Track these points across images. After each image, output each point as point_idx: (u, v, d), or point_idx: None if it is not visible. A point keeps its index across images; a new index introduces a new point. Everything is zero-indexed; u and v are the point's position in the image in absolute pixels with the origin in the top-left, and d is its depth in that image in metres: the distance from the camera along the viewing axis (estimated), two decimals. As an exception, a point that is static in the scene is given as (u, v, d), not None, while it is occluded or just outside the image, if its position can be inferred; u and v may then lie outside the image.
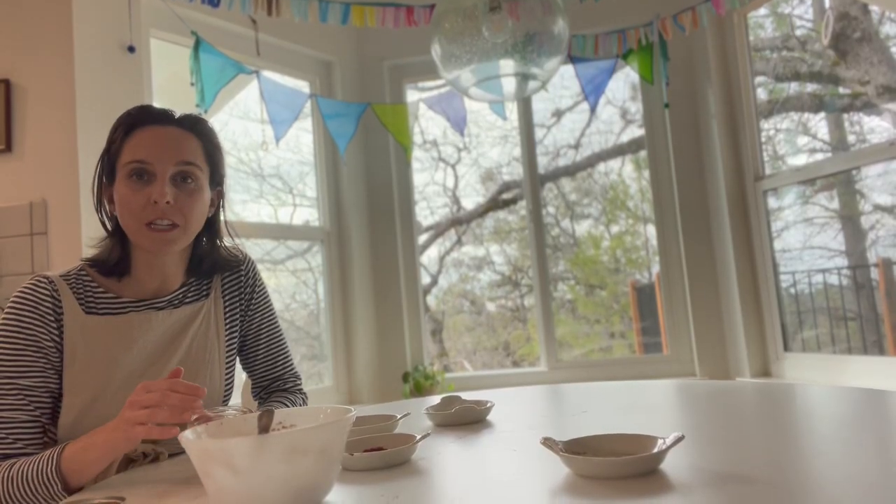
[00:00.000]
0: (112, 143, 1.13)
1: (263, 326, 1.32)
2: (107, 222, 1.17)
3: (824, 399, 1.15)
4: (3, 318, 1.06)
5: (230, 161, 2.93)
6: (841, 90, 2.62)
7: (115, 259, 1.13)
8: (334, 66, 3.16)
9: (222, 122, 2.94)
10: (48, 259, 2.10)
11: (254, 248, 2.86)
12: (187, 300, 1.21)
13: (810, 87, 2.75)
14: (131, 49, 2.29)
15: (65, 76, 2.15)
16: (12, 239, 2.13)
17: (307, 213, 3.19)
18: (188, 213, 1.11)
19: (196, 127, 1.16)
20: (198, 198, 1.13)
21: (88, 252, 1.18)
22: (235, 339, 1.29)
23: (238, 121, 2.99)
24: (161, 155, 1.09)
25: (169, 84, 2.79)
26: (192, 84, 2.41)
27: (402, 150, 3.12)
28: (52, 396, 1.07)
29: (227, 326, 1.26)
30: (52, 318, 1.07)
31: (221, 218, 1.25)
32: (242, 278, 1.29)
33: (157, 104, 1.22)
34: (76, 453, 0.96)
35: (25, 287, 1.08)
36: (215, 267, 1.25)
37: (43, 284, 1.08)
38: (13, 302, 1.07)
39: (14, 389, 1.03)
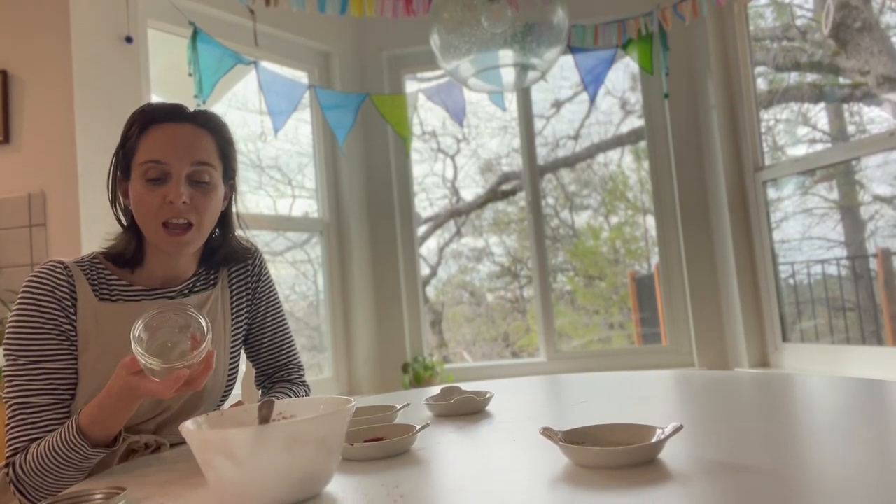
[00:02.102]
0: (127, 139, 1.13)
1: (268, 316, 1.33)
2: (122, 217, 1.17)
3: (822, 389, 1.16)
4: (21, 304, 1.06)
5: (236, 154, 2.92)
6: (841, 80, 2.61)
7: (132, 253, 1.14)
8: (333, 56, 3.15)
9: (220, 113, 2.92)
10: (47, 250, 2.10)
11: (253, 240, 2.85)
12: (196, 289, 1.22)
13: (810, 78, 2.74)
14: (129, 40, 2.28)
15: (62, 67, 2.14)
16: (11, 231, 2.13)
17: (306, 205, 3.18)
18: (203, 212, 1.12)
19: (210, 124, 1.16)
20: (212, 197, 1.14)
21: (99, 246, 1.18)
22: (241, 330, 1.29)
23: (236, 111, 2.98)
24: (176, 154, 1.09)
25: (167, 75, 2.78)
26: (190, 75, 2.40)
27: (401, 141, 3.11)
28: (77, 379, 1.08)
29: (234, 316, 1.27)
30: (70, 304, 1.07)
31: (234, 210, 1.25)
32: (249, 268, 1.30)
33: (154, 95, 1.23)
34: (100, 418, 0.96)
35: (41, 272, 1.08)
36: (227, 258, 1.26)
37: (59, 270, 1.08)
38: (29, 287, 1.06)
39: (42, 374, 1.04)
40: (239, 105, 3.00)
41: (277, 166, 3.10)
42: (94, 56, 2.20)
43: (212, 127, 1.16)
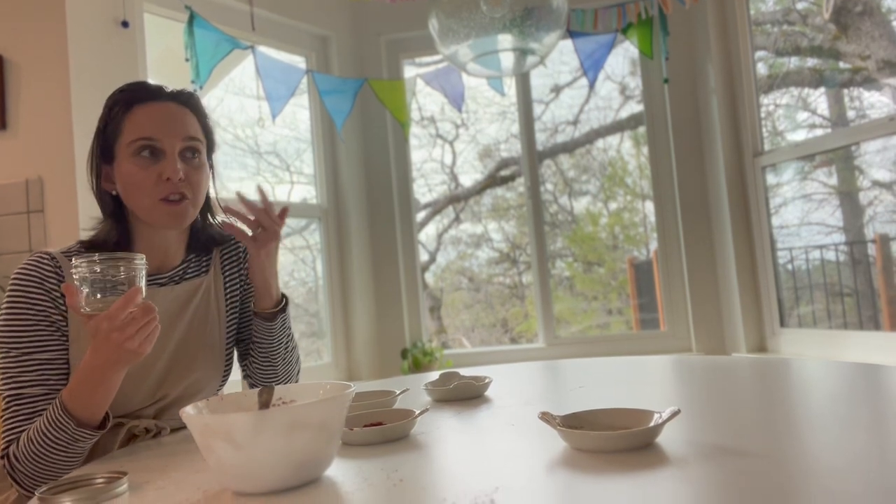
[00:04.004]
0: (109, 121, 1.12)
1: None
2: (105, 203, 1.16)
3: (819, 374, 1.16)
4: (10, 296, 1.06)
5: (227, 138, 2.91)
6: (841, 65, 2.60)
7: (115, 240, 1.13)
8: (330, 40, 3.13)
9: (218, 99, 2.92)
10: (45, 237, 2.10)
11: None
12: (188, 276, 1.21)
13: (811, 62, 2.73)
14: (125, 24, 2.26)
15: (59, 52, 2.12)
16: (9, 217, 2.12)
17: (305, 191, 3.18)
18: (197, 187, 1.13)
19: (190, 102, 1.17)
20: (203, 172, 1.15)
21: (84, 235, 1.17)
22: (236, 314, 1.29)
23: (234, 97, 2.97)
24: (168, 131, 1.10)
25: (163, 60, 2.76)
26: (187, 60, 2.38)
27: (399, 126, 3.10)
28: (69, 369, 1.08)
29: (228, 301, 1.26)
30: (59, 294, 1.07)
31: (212, 193, 1.25)
32: (242, 253, 1.30)
33: (151, 80, 1.22)
34: (81, 394, 0.95)
35: (28, 263, 1.08)
36: (212, 240, 1.25)
37: (45, 260, 1.08)
38: (17, 278, 1.06)
39: (33, 365, 1.04)
40: (236, 90, 2.98)
41: (275, 152, 3.09)
42: (91, 41, 2.18)
43: (193, 106, 1.17)
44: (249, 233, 1.15)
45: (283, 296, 1.24)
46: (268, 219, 1.13)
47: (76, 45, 2.14)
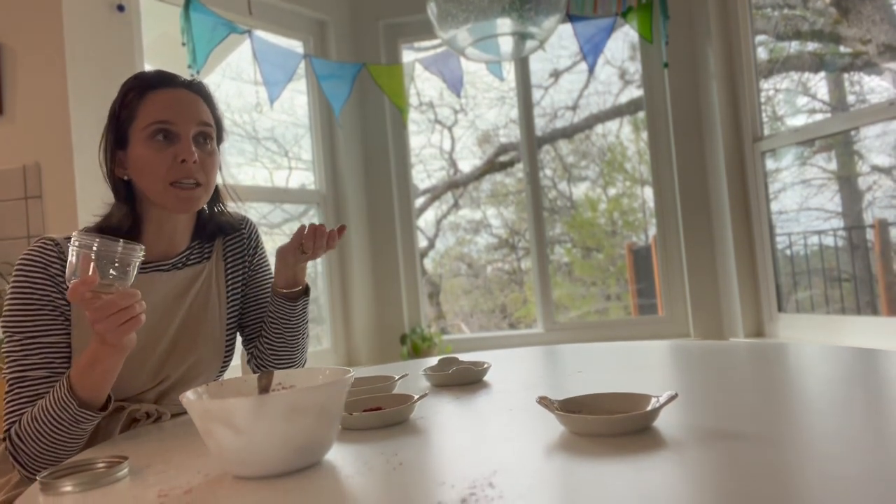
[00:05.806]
0: (123, 107, 1.13)
1: (264, 287, 1.33)
2: (117, 188, 1.16)
3: (817, 358, 1.17)
4: (14, 282, 1.07)
5: (224, 124, 2.89)
6: (842, 49, 2.58)
7: (128, 226, 1.14)
8: (328, 25, 3.11)
9: (215, 84, 2.90)
10: (43, 222, 2.09)
11: (250, 212, 2.83)
12: (190, 262, 1.22)
13: (811, 46, 2.71)
14: (121, 8, 2.24)
15: (55, 37, 2.11)
16: (7, 203, 2.12)
17: (303, 177, 3.17)
18: (209, 172, 1.15)
19: (202, 91, 1.19)
20: (215, 158, 1.17)
21: (92, 220, 1.17)
22: (238, 301, 1.30)
23: (231, 82, 2.95)
24: (183, 115, 1.12)
25: (160, 44, 2.74)
26: (184, 44, 2.37)
27: (398, 112, 3.08)
28: (72, 353, 1.08)
29: (229, 288, 1.27)
30: (62, 279, 1.08)
31: (220, 181, 1.26)
32: (245, 241, 1.31)
33: (148, 65, 1.23)
34: (84, 373, 0.96)
35: (32, 250, 1.09)
36: (218, 229, 1.27)
37: (49, 247, 1.09)
38: (22, 264, 1.07)
39: (37, 348, 1.05)
40: (233, 75, 2.96)
41: (273, 138, 3.08)
42: (86, 25, 2.16)
43: (204, 95, 1.19)
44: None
45: (307, 284, 1.28)
46: (313, 246, 1.19)
47: (72, 30, 2.12)
